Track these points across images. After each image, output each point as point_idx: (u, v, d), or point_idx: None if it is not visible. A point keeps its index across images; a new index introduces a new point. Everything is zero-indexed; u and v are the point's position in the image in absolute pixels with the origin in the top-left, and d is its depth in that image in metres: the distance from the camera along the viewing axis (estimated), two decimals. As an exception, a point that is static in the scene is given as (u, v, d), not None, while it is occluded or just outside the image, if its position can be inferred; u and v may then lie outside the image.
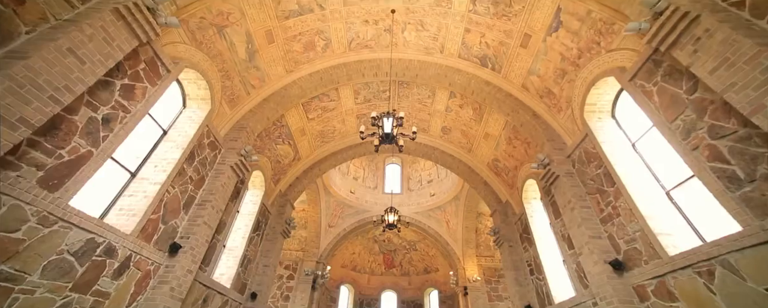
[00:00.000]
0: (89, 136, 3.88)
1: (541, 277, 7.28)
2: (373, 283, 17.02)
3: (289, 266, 13.65)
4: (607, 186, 5.35)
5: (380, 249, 17.14)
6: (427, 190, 15.57)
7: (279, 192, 10.15)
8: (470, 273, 12.86)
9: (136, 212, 4.73)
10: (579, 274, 5.89)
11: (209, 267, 6.43)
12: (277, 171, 9.94)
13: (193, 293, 5.84)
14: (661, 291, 4.12)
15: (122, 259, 4.36)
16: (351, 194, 15.43)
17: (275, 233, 9.23)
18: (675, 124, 4.01)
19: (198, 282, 5.99)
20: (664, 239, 4.20)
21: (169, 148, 5.73)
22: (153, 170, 5.33)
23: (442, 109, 10.45)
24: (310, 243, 14.09)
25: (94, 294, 3.94)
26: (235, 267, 7.45)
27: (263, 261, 8.60)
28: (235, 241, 7.93)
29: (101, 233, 4.03)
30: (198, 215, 5.82)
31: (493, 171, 10.10)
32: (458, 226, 13.88)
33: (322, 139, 11.07)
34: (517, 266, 8.17)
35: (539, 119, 7.61)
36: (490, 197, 10.00)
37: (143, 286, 4.72)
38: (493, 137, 9.67)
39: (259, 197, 8.93)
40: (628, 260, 4.72)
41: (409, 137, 5.64)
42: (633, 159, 5.28)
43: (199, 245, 5.59)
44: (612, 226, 5.13)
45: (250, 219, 8.40)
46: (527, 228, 8.19)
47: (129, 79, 4.50)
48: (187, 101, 6.56)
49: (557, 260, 7.20)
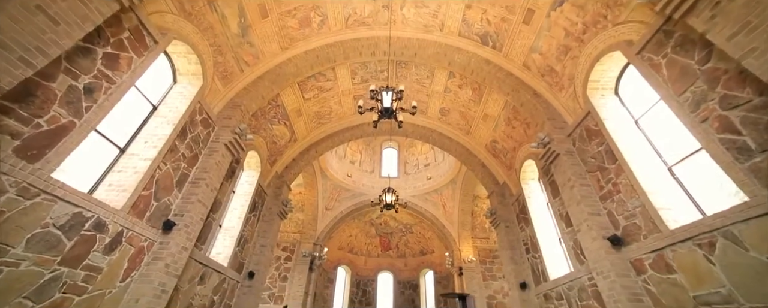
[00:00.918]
0: (70, 105, 3.62)
1: (537, 255, 7.31)
2: (370, 265, 17.22)
3: (287, 248, 13.67)
4: (609, 164, 5.26)
5: (377, 231, 17.24)
6: (424, 174, 15.51)
7: (275, 174, 9.98)
8: (466, 255, 13.02)
9: (126, 188, 4.53)
10: (576, 251, 5.89)
11: (205, 246, 6.32)
12: (273, 152, 9.72)
13: (189, 270, 5.75)
14: (658, 264, 4.10)
15: (114, 235, 4.20)
16: (348, 177, 15.32)
17: (272, 214, 9.13)
18: (684, 97, 3.87)
19: (194, 259, 5.89)
20: (664, 213, 4.14)
21: (159, 123, 5.48)
22: (143, 146, 5.09)
23: (440, 90, 10.19)
24: (308, 225, 14.07)
25: (85, 269, 3.79)
26: (231, 247, 7.36)
27: (260, 241, 8.52)
28: (231, 221, 7.80)
29: (89, 207, 3.84)
30: (192, 193, 5.64)
31: (491, 153, 9.99)
32: (454, 209, 13.92)
33: (319, 120, 10.81)
34: (513, 245, 8.21)
35: (540, 98, 7.43)
36: (488, 179, 9.94)
37: (137, 262, 4.59)
38: (492, 118, 9.49)
39: (255, 178, 8.76)
40: (627, 235, 4.69)
41: (409, 112, 5.43)
42: (635, 135, 5.17)
43: (194, 223, 5.45)
44: (611, 203, 5.07)
45: (246, 200, 8.25)
46: (524, 208, 8.17)
47: (112, 47, 4.19)
48: (178, 76, 6.24)
49: (553, 238, 7.22)
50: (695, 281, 3.61)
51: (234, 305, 7.32)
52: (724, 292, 3.29)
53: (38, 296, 3.30)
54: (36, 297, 3.28)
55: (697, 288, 3.59)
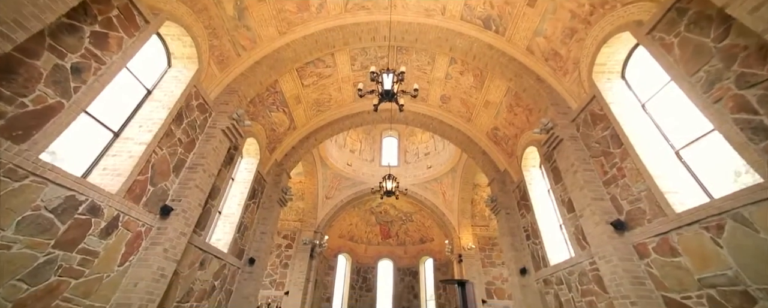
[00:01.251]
0: (57, 85, 3.44)
1: (538, 242, 7.27)
2: (370, 253, 17.32)
3: (288, 236, 13.68)
4: (614, 148, 5.12)
5: (377, 220, 17.26)
6: (424, 163, 15.40)
7: (275, 162, 9.85)
8: (465, 242, 13.05)
9: (120, 172, 4.40)
10: (577, 236, 5.82)
11: (204, 232, 6.24)
12: (272, 139, 9.57)
13: (188, 255, 5.69)
14: (662, 247, 4.02)
15: (109, 219, 4.10)
16: (348, 166, 15.21)
17: (272, 201, 9.05)
18: (696, 77, 3.69)
19: (193, 245, 5.83)
20: (671, 197, 4.04)
21: (154, 107, 5.31)
22: (138, 130, 4.94)
23: (441, 77, 9.95)
24: (308, 214, 14.05)
25: (81, 252, 3.71)
26: (231, 233, 7.30)
27: (260, 228, 8.47)
28: (230, 208, 7.72)
29: (82, 191, 3.72)
30: (189, 178, 5.52)
31: (492, 141, 9.84)
32: (454, 197, 13.87)
33: (318, 107, 10.61)
34: (513, 232, 8.17)
35: (543, 83, 7.24)
36: (489, 166, 9.83)
37: (135, 247, 4.51)
38: (493, 105, 9.30)
39: (254, 165, 8.64)
40: (631, 220, 4.60)
41: (410, 94, 5.25)
42: (642, 119, 5.01)
43: (192, 208, 5.35)
44: (615, 188, 4.96)
45: (246, 187, 8.15)
46: (525, 195, 8.09)
47: (100, 26, 3.99)
48: (172, 60, 6.03)
49: (554, 225, 7.16)
50: (700, 263, 3.54)
51: (235, 290, 7.32)
52: (731, 274, 3.21)
53: (33, 279, 3.21)
54: (30, 279, 3.19)
55: (702, 271, 3.51)
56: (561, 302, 6.14)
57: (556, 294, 6.31)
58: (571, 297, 5.85)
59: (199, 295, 6.06)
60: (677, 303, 3.77)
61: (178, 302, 5.46)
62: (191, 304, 5.82)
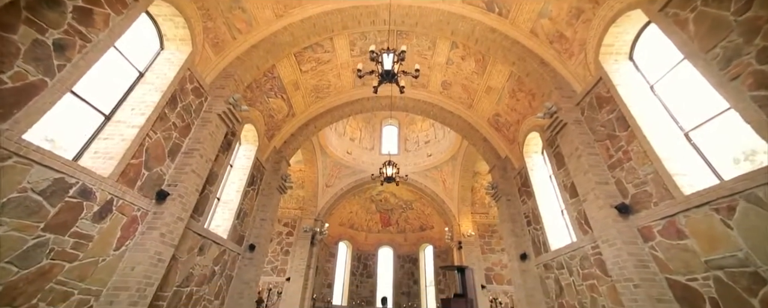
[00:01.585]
0: (38, 62, 3.24)
1: (538, 227, 7.19)
2: (371, 240, 17.39)
3: (288, 223, 13.67)
4: (620, 131, 4.94)
5: (377, 208, 17.24)
6: (424, 151, 15.24)
7: (274, 149, 9.69)
8: (465, 229, 13.03)
9: (113, 155, 4.24)
10: (579, 221, 5.72)
11: (203, 218, 6.14)
12: (271, 126, 9.37)
13: (187, 241, 5.60)
14: (668, 230, 3.91)
15: (103, 203, 3.97)
16: (348, 155, 15.06)
17: (271, 188, 8.94)
18: (712, 53, 3.48)
19: (191, 230, 5.73)
20: (679, 179, 3.89)
21: (146, 90, 5.10)
22: (130, 113, 4.75)
23: (442, 62, 9.67)
24: (308, 202, 13.99)
25: (73, 236, 3.59)
26: (231, 220, 7.21)
27: (260, 215, 8.39)
28: (229, 195, 7.61)
29: (72, 173, 3.57)
30: (185, 163, 5.37)
31: (493, 127, 9.65)
32: (454, 185, 13.78)
33: (317, 94, 10.36)
34: (513, 218, 8.09)
35: (547, 67, 6.99)
36: (490, 153, 9.67)
37: (131, 231, 4.40)
38: (495, 91, 9.06)
39: (253, 152, 8.48)
40: (636, 203, 4.47)
41: (411, 75, 5.03)
42: (650, 101, 4.82)
43: (188, 193, 5.22)
44: (621, 171, 4.82)
45: (244, 174, 8.02)
46: (526, 181, 7.96)
47: (84, 0, 3.74)
48: (165, 42, 5.79)
49: (555, 210, 7.06)
50: (708, 246, 3.42)
51: (235, 276, 7.30)
52: (741, 255, 3.10)
53: (23, 261, 3.10)
54: (21, 262, 3.08)
55: (710, 253, 3.40)
56: (561, 286, 6.11)
57: (557, 278, 6.27)
58: (572, 281, 5.80)
59: (199, 280, 6.01)
60: (682, 285, 3.68)
61: (177, 286, 5.41)
62: (191, 289, 5.77)
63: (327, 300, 14.36)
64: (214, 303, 6.51)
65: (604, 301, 4.96)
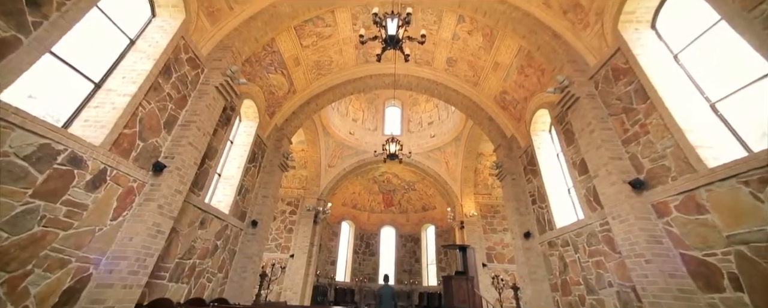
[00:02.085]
0: (9, 17, 2.94)
1: (544, 206, 7.00)
2: (373, 220, 17.45)
3: (291, 202, 13.65)
4: (638, 104, 4.60)
5: (380, 189, 17.17)
6: (428, 132, 14.92)
7: (275, 126, 9.44)
8: (467, 210, 12.94)
9: (104, 124, 4.02)
10: (588, 198, 5.50)
11: (203, 192, 6.00)
12: (272, 103, 9.06)
13: (187, 214, 5.49)
14: (687, 205, 3.67)
15: (96, 172, 3.79)
16: (350, 135, 14.79)
17: (273, 166, 8.77)
18: (756, 12, 3.09)
19: (191, 204, 5.61)
20: (703, 152, 3.60)
21: (138, 58, 4.80)
22: (121, 81, 4.48)
23: (448, 37, 9.16)
24: (311, 182, 13.90)
25: (66, 204, 3.44)
26: (232, 195, 7.09)
27: (262, 192, 8.27)
28: (230, 171, 7.45)
29: (59, 140, 3.36)
30: (182, 136, 5.15)
31: (499, 105, 9.26)
32: (458, 166, 13.55)
33: (319, 70, 9.95)
34: (518, 197, 7.89)
35: (560, 39, 6.53)
36: (495, 133, 9.35)
37: (128, 202, 4.25)
38: (503, 67, 8.60)
39: (253, 128, 8.24)
40: (651, 178, 4.21)
41: (417, 41, 4.66)
42: (673, 71, 4.44)
43: (186, 166, 5.03)
44: (636, 146, 4.52)
45: (245, 150, 7.82)
46: (532, 160, 7.70)
47: (59, -49, 3.37)
48: (156, 9, 5.42)
49: (562, 189, 6.84)
50: (732, 220, 3.19)
51: (238, 250, 7.27)
52: (769, 230, 2.86)
53: (12, 228, 2.96)
54: (10, 228, 2.94)
55: (733, 227, 3.18)
56: (566, 263, 5.98)
57: (561, 256, 6.14)
58: (577, 257, 5.67)
59: (201, 253, 5.96)
60: (698, 260, 3.48)
61: (179, 258, 5.35)
62: (194, 261, 5.72)
63: (330, 276, 14.61)
64: (218, 275, 6.50)
65: (610, 277, 4.82)
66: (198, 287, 5.86)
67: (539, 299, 6.52)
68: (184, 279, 5.46)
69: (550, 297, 6.40)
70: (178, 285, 5.31)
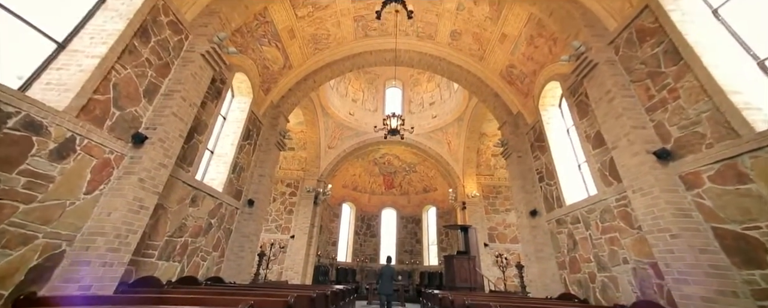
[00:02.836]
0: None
1: (552, 183, 6.59)
2: (374, 202, 17.21)
3: (291, 184, 13.32)
4: (667, 66, 4.06)
5: (380, 171, 16.80)
6: (429, 112, 14.35)
7: (271, 103, 8.89)
8: (469, 190, 12.60)
9: (69, 87, 3.51)
10: (602, 173, 5.06)
11: (193, 168, 5.58)
12: (266, 78, 8.47)
13: (175, 191, 5.09)
14: (724, 175, 3.23)
15: (61, 140, 3.33)
16: (350, 116, 14.24)
17: (269, 144, 8.31)
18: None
19: (180, 180, 5.20)
20: (751, 115, 3.11)
21: (108, 17, 4.21)
22: (89, 42, 3.93)
23: (452, 8, 8.43)
24: (311, 163, 13.49)
25: (24, 174, 3.00)
26: (226, 173, 6.68)
27: (258, 171, 7.86)
28: (223, 148, 7.00)
29: (9, 101, 2.88)
30: (165, 106, 4.65)
31: (505, 80, 8.65)
32: (460, 147, 13.09)
33: (316, 45, 9.28)
34: (524, 175, 7.47)
35: (576, 3, 5.86)
36: (500, 109, 8.81)
37: (105, 175, 3.83)
38: (510, 38, 7.93)
39: (247, 104, 7.71)
40: (680, 148, 3.74)
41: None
42: (712, 28, 3.86)
43: (171, 139, 4.57)
44: (662, 113, 4.02)
45: (239, 127, 7.33)
46: (540, 136, 7.21)
47: None
48: (129, -35, 4.73)
49: (572, 165, 6.40)
50: (782, 189, 2.75)
51: (235, 230, 6.95)
52: (832, 199, 2.43)
53: (-44, 200, 2.53)
54: (-47, 200, 2.51)
55: (783, 198, 2.74)
56: (575, 240, 5.64)
57: (570, 233, 5.78)
58: (588, 234, 5.31)
59: (194, 231, 5.61)
60: (735, 234, 3.08)
61: (169, 236, 5.00)
62: (186, 239, 5.39)
63: (332, 257, 14.52)
64: (213, 254, 6.20)
65: (626, 254, 4.46)
66: (192, 265, 5.56)
67: (545, 277, 6.24)
68: (175, 258, 5.14)
69: (557, 275, 6.11)
70: (169, 263, 4.99)
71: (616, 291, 4.62)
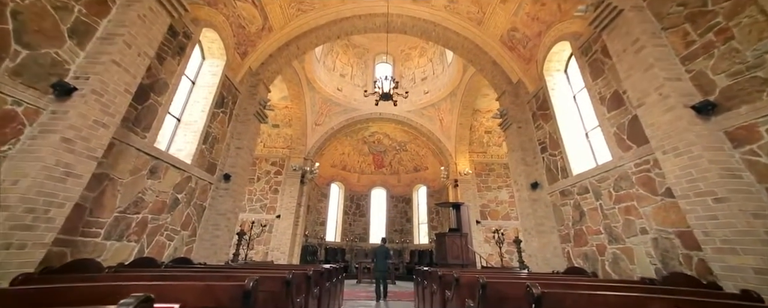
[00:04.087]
0: None
1: (557, 152, 5.99)
2: (363, 181, 16.52)
3: (276, 162, 12.36)
4: (714, 4, 3.33)
5: (370, 150, 15.99)
6: (421, 88, 13.45)
7: (249, 70, 7.77)
8: (462, 168, 12.06)
9: (-62, 3, 2.45)
10: (619, 137, 4.44)
11: (150, 134, 4.59)
12: (242, 39, 7.30)
13: (126, 159, 4.13)
14: (791, 126, 2.60)
15: (-74, 76, 2.32)
16: (338, 91, 13.17)
17: (247, 114, 7.29)
18: None
19: (132, 147, 4.23)
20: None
21: None
22: (-25, -51, 2.80)
23: (451, -37, 7.38)
24: (296, 141, 12.51)
25: None
26: (195, 143, 5.71)
27: (235, 143, 6.89)
28: (192, 115, 5.98)
29: None
30: (102, 51, 3.60)
31: (506, 46, 7.82)
32: (452, 123, 12.38)
33: (299, 5, 8.07)
34: (524, 146, 6.85)
35: (595, -54, 4.98)
36: (499, 78, 8.04)
37: (9, 133, 2.85)
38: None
39: (220, 68, 6.61)
40: (728, 99, 3.11)
41: None
42: (770, -47, 3.11)
43: (113, 93, 3.57)
44: (706, 60, 3.34)
45: (210, 92, 6.28)
46: (544, 104, 6.54)
47: None
48: None
49: (579, 133, 5.79)
50: None
51: (209, 206, 6.07)
52: None
53: None
54: None
55: None
56: (583, 211, 5.11)
57: (577, 204, 5.25)
58: (598, 205, 4.77)
59: (155, 207, 4.72)
60: (804, 196, 2.50)
61: (121, 212, 4.09)
62: (144, 216, 4.50)
63: (320, 237, 13.91)
64: (182, 233, 5.35)
65: (645, 223, 3.93)
66: (154, 245, 4.71)
67: (546, 251, 5.77)
68: (130, 237, 4.26)
69: (559, 249, 5.65)
70: (121, 243, 4.11)
71: (629, 263, 4.14)
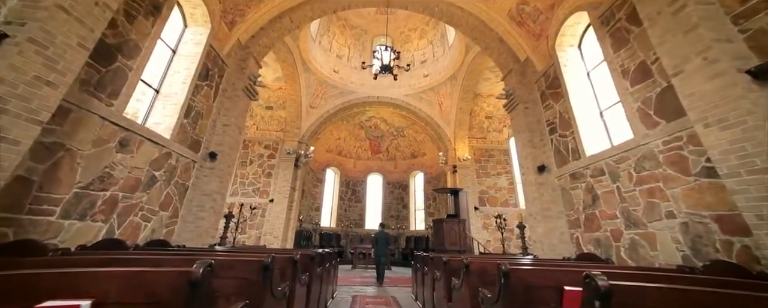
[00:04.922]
0: None
1: (568, 133, 5.50)
2: (359, 167, 16.00)
3: (269, 145, 11.72)
4: (777, -52, 2.77)
5: (366, 135, 15.39)
6: (420, 71, 12.76)
7: (238, 43, 7.02)
8: (461, 153, 11.58)
9: None
10: (644, 112, 3.95)
11: (118, 101, 3.94)
12: (229, 6, 6.52)
13: (88, 128, 3.50)
14: None
15: None
16: (334, 73, 12.42)
17: (236, 89, 6.62)
18: None
19: (96, 114, 3.60)
20: None
21: None
22: None
23: (459, -73, 6.62)
24: (291, 124, 11.84)
25: None
26: (175, 116, 5.06)
27: (222, 119, 6.25)
28: (172, 86, 5.30)
29: None
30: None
31: (515, 22, 7.17)
32: (452, 108, 11.80)
33: (291, -30, 7.26)
34: (531, 128, 6.35)
35: None
36: (506, 56, 7.44)
37: None
38: (526, -34, 6.35)
39: (204, 36, 5.87)
40: (792, 60, 2.59)
41: None
42: None
43: (60, 46, 2.90)
44: (765, 17, 2.80)
45: (193, 63, 5.58)
46: (554, 82, 6.00)
47: None
48: None
49: (593, 112, 5.29)
50: None
51: (192, 186, 5.49)
52: None
53: None
54: None
55: None
56: (596, 195, 4.68)
57: (590, 188, 4.81)
58: (615, 187, 4.33)
59: (127, 184, 4.13)
60: None
61: (81, 187, 3.51)
62: (114, 193, 3.92)
63: (315, 222, 13.48)
64: (161, 214, 4.79)
65: (672, 206, 3.50)
66: (126, 226, 4.15)
67: (552, 237, 5.38)
68: (96, 217, 3.70)
69: (567, 234, 5.26)
70: (84, 223, 3.55)
71: (650, 249, 3.73)
